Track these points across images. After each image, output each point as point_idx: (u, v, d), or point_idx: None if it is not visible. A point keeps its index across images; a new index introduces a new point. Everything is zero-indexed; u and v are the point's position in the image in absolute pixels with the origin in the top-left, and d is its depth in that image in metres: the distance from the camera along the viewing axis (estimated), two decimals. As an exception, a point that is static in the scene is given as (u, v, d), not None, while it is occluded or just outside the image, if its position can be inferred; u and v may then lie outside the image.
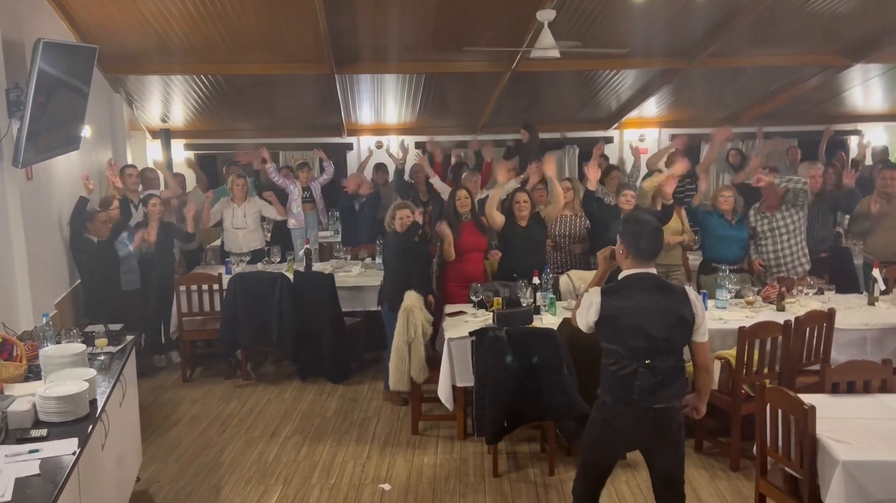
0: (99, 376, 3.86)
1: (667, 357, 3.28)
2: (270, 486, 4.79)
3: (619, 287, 3.37)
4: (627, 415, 3.31)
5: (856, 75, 9.04)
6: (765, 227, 6.35)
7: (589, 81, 9.07)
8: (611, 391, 3.36)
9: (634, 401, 3.27)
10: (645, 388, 3.24)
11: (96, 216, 6.34)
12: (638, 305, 3.28)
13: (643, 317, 3.26)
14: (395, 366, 5.42)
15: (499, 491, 4.68)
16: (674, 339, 3.31)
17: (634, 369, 3.26)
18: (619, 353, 3.31)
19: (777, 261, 6.31)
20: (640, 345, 3.26)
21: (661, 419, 3.29)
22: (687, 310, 3.31)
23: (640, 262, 3.36)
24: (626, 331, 3.28)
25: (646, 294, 3.30)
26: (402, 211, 5.97)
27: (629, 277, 3.37)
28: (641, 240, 3.35)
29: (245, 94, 8.97)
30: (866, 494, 3.23)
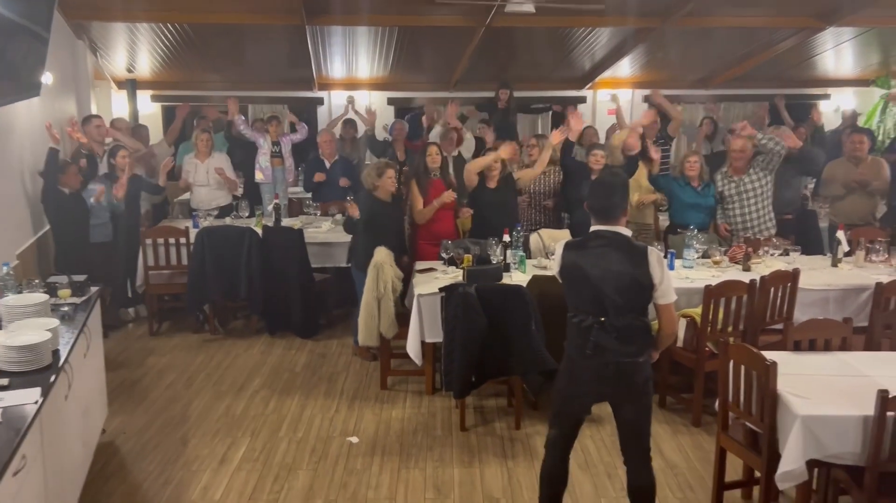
0: (62, 327, 3.81)
1: (622, 316, 3.29)
2: (238, 439, 4.79)
3: (582, 242, 3.40)
4: (588, 367, 3.36)
5: (828, 38, 9.07)
6: (732, 190, 6.37)
7: (563, 39, 8.99)
8: (572, 344, 3.42)
9: (588, 356, 3.32)
10: (599, 344, 3.28)
11: (68, 168, 6.20)
12: (594, 262, 3.30)
13: (598, 275, 3.28)
14: (365, 321, 5.42)
15: (465, 444, 4.73)
16: (629, 301, 3.30)
17: (591, 324, 3.30)
18: (577, 307, 3.37)
19: (744, 225, 6.36)
20: (595, 302, 3.30)
21: (622, 373, 3.33)
22: (644, 272, 3.28)
23: (600, 220, 3.38)
24: (580, 286, 3.32)
25: (605, 252, 3.31)
26: (391, 170, 5.89)
27: (593, 233, 3.39)
28: (597, 198, 3.40)
29: (213, 44, 8.76)
30: (822, 447, 3.31)
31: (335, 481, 4.28)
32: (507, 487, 4.22)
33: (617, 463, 4.38)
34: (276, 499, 4.09)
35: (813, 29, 8.50)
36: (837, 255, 5.85)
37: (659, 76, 10.67)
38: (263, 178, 8.22)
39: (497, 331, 4.76)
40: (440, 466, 4.45)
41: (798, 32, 8.73)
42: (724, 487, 3.98)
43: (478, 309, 4.73)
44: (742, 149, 6.30)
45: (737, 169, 6.37)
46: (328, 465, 4.46)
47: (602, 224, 3.37)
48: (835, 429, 3.30)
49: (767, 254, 5.86)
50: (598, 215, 3.38)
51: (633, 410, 3.42)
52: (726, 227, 6.43)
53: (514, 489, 4.20)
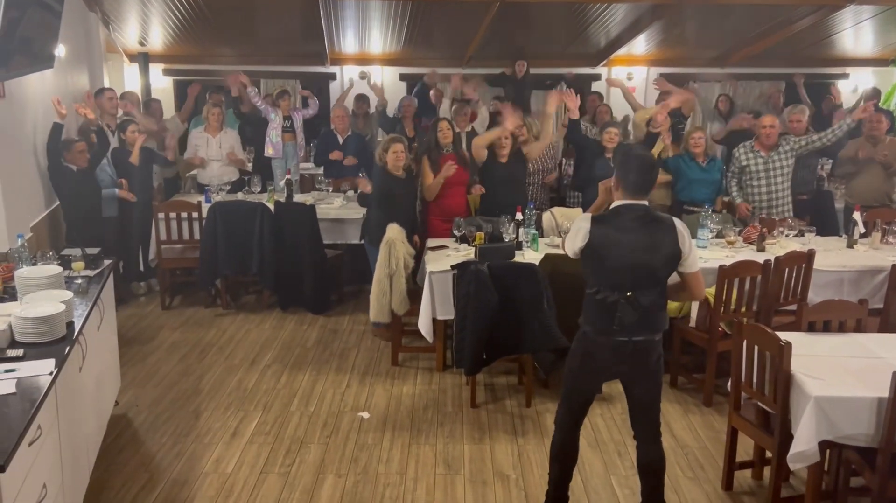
0: (76, 299, 3.83)
1: (649, 290, 3.27)
2: (250, 412, 4.82)
3: (610, 216, 3.34)
4: (607, 345, 3.32)
5: (847, 17, 8.91)
6: (759, 166, 6.28)
7: (579, 15, 8.88)
8: (592, 321, 3.37)
9: (614, 332, 3.27)
10: (625, 321, 3.24)
11: (73, 145, 6.17)
12: (625, 236, 3.25)
13: (629, 248, 3.24)
14: (377, 298, 5.42)
15: (476, 421, 4.74)
16: (657, 272, 3.29)
17: (616, 300, 3.24)
18: (602, 283, 3.30)
19: (769, 202, 6.29)
20: (624, 276, 3.25)
21: (640, 351, 3.32)
22: (674, 243, 3.28)
23: (631, 195, 3.32)
24: (610, 260, 3.26)
25: (634, 225, 3.27)
26: (397, 144, 5.86)
27: (620, 207, 3.33)
28: (631, 172, 3.31)
29: (226, 17, 8.70)
30: (835, 428, 3.30)
31: (346, 455, 4.30)
32: (518, 464, 4.23)
33: (627, 440, 4.40)
34: (287, 472, 4.12)
35: (832, 7, 8.35)
36: (853, 236, 5.80)
37: (674, 54, 10.54)
38: (274, 153, 8.18)
39: (508, 309, 4.76)
40: (451, 442, 4.46)
41: (817, 10, 8.58)
42: (734, 467, 3.98)
43: (490, 286, 4.72)
44: (773, 124, 6.24)
45: (766, 146, 6.29)
46: (339, 440, 4.48)
47: (632, 198, 3.31)
48: (848, 410, 3.29)
49: (782, 234, 5.81)
50: (631, 188, 3.31)
51: (645, 388, 3.41)
52: (747, 207, 6.33)
53: (525, 466, 4.21)
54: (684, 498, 3.93)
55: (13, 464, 2.44)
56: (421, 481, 4.05)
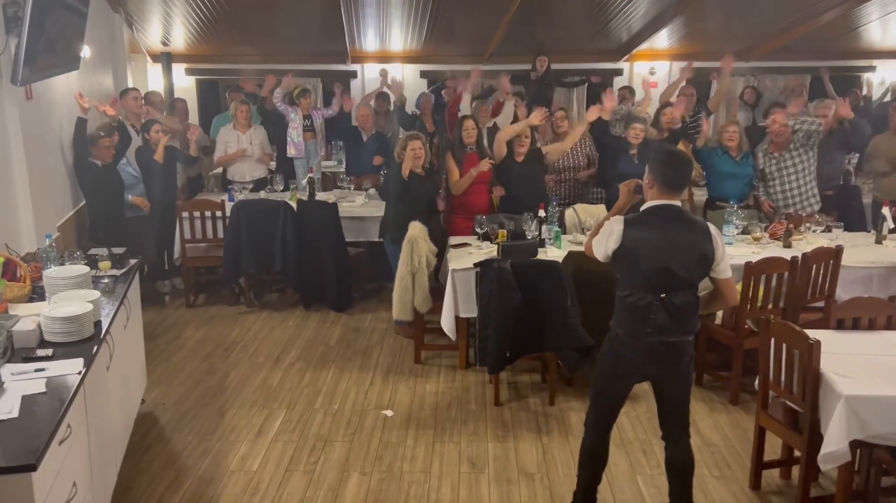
0: (103, 298, 3.86)
1: (683, 292, 3.24)
2: (274, 410, 4.84)
3: (643, 217, 3.28)
4: (640, 348, 3.28)
5: (874, 8, 8.76)
6: (772, 167, 6.24)
7: (601, 10, 8.81)
8: (624, 323, 3.32)
9: (648, 334, 3.24)
10: (658, 322, 3.21)
11: (99, 140, 6.24)
12: (660, 238, 3.20)
13: (664, 250, 3.19)
14: (399, 296, 5.43)
15: (499, 419, 4.73)
16: (692, 275, 3.25)
17: (649, 302, 3.21)
18: (636, 285, 3.26)
19: (786, 202, 6.24)
20: (658, 279, 3.21)
21: (673, 352, 3.28)
22: (708, 246, 3.23)
23: (666, 194, 3.26)
24: (645, 262, 3.21)
25: (669, 227, 3.23)
26: (415, 142, 5.86)
27: (654, 208, 3.28)
28: (668, 169, 3.26)
29: (248, 17, 8.73)
30: (866, 427, 3.25)
31: (370, 453, 4.31)
32: (542, 462, 4.22)
33: (653, 439, 4.37)
34: (312, 470, 4.14)
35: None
36: (882, 232, 5.71)
37: (697, 48, 10.41)
38: (296, 153, 8.21)
39: (532, 307, 4.74)
40: (474, 440, 4.46)
41: (843, 2, 8.45)
42: (762, 466, 3.94)
43: (513, 284, 4.71)
44: (782, 123, 6.17)
45: (776, 145, 6.25)
46: (363, 438, 4.49)
47: (666, 197, 3.26)
48: (879, 409, 3.24)
49: (809, 230, 5.74)
50: (667, 187, 3.26)
51: (675, 388, 3.38)
52: (770, 203, 6.30)
53: (549, 464, 4.20)
54: (711, 497, 3.89)
55: (44, 463, 2.47)
56: (445, 479, 4.05)
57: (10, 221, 5.00)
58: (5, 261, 3.88)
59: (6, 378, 2.96)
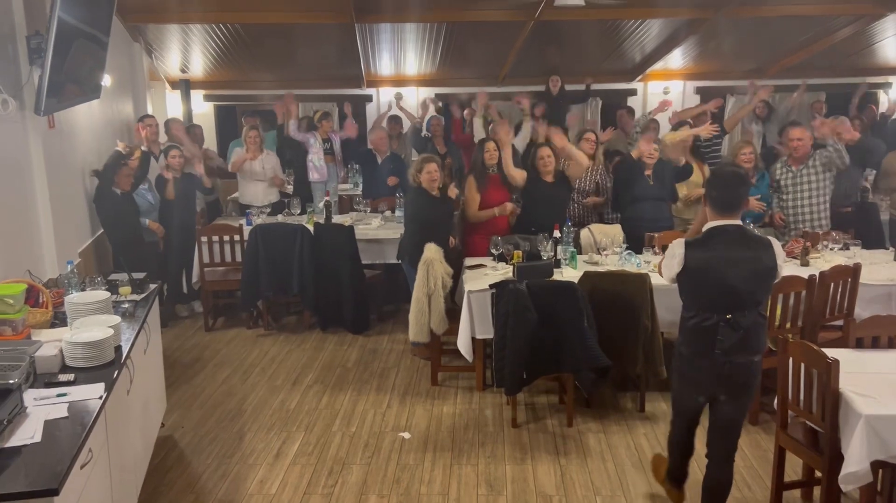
0: (123, 323, 3.91)
1: (749, 311, 3.29)
2: (293, 433, 4.86)
3: (704, 239, 3.34)
4: (705, 367, 3.36)
5: (889, 25, 8.77)
6: (788, 180, 6.24)
7: (613, 31, 8.88)
8: (689, 343, 3.40)
9: (715, 356, 3.30)
10: (726, 344, 3.27)
11: (121, 169, 6.35)
12: (722, 258, 3.26)
13: (727, 270, 3.25)
14: (415, 318, 5.44)
15: (517, 441, 4.72)
16: (757, 292, 3.32)
17: (715, 323, 3.27)
18: (701, 306, 3.32)
19: (795, 217, 6.21)
20: (723, 299, 3.27)
21: (739, 373, 3.35)
22: (769, 257, 3.31)
23: (721, 213, 3.32)
24: (709, 283, 3.28)
25: (730, 246, 3.28)
26: (430, 164, 5.91)
27: (713, 229, 3.33)
28: (714, 190, 3.33)
29: (265, 44, 8.89)
30: (887, 448, 3.21)
31: (388, 476, 4.31)
32: (560, 484, 4.20)
33: (672, 461, 4.33)
34: (330, 493, 4.14)
35: (873, 16, 8.23)
36: (901, 249, 5.68)
37: (711, 67, 10.47)
38: (319, 177, 8.28)
39: (548, 328, 4.74)
40: (492, 462, 4.45)
41: (857, 20, 8.47)
42: (783, 487, 3.89)
43: (529, 305, 4.72)
44: (801, 137, 6.16)
45: (795, 159, 6.23)
46: (381, 460, 4.50)
47: (724, 217, 3.32)
48: (901, 429, 3.21)
49: (826, 248, 5.71)
50: (722, 207, 3.32)
51: (734, 408, 3.45)
52: (781, 216, 6.29)
53: (567, 486, 4.18)
54: (732, 519, 3.85)
55: (66, 487, 2.50)
56: (463, 502, 4.04)
57: (33, 248, 5.09)
58: (28, 287, 3.95)
59: (29, 403, 3.00)
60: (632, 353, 4.89)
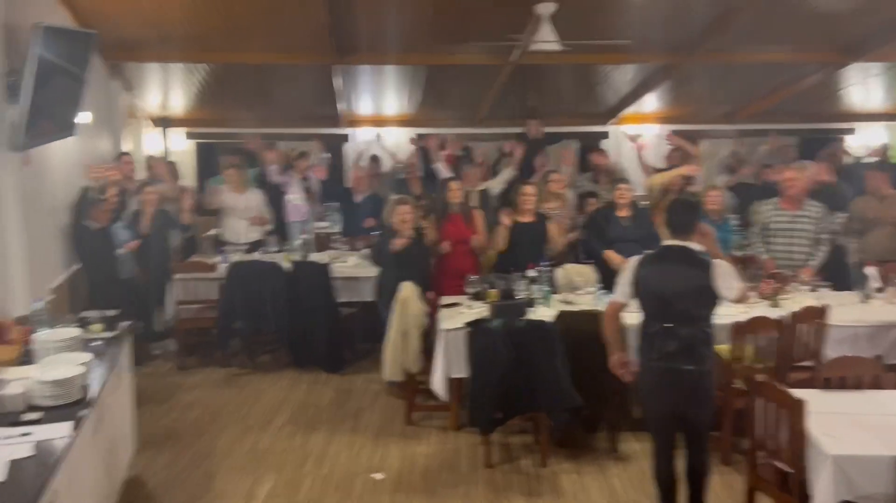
0: (94, 361, 3.87)
1: (686, 323, 3.64)
2: (263, 475, 4.80)
3: (653, 256, 3.82)
4: (653, 372, 3.74)
5: (854, 73, 9.04)
6: (781, 224, 6.20)
7: (588, 75, 9.07)
8: (642, 350, 3.80)
9: (655, 360, 3.69)
10: (664, 349, 3.65)
11: (97, 204, 6.33)
12: (662, 273, 3.71)
13: (665, 283, 3.69)
14: (391, 356, 5.44)
15: (491, 482, 4.69)
16: (692, 308, 3.67)
17: (657, 330, 3.67)
18: (647, 314, 3.77)
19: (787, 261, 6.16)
20: (661, 309, 3.69)
21: (685, 380, 3.68)
22: (706, 280, 3.65)
23: (674, 235, 3.80)
24: (649, 293, 3.74)
25: (673, 263, 3.72)
26: (402, 206, 5.97)
27: (665, 248, 3.83)
28: (671, 213, 3.85)
29: (244, 82, 8.96)
30: (855, 488, 3.25)
31: (360, 518, 4.27)
32: (533, 526, 4.18)
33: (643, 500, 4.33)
34: (300, 535, 4.09)
35: (838, 64, 8.49)
36: (868, 291, 5.77)
37: (684, 111, 10.68)
38: (298, 217, 8.30)
39: (523, 367, 4.75)
40: (465, 504, 4.42)
41: (823, 68, 8.71)
42: (754, 528, 3.90)
43: (503, 344, 4.73)
44: (793, 177, 6.20)
45: (789, 200, 6.21)
46: (353, 502, 4.44)
47: (676, 238, 3.78)
48: (867, 469, 3.25)
49: (797, 289, 5.79)
50: (675, 229, 3.79)
51: (694, 415, 3.76)
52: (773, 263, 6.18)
53: (540, 528, 4.15)
54: (704, 561, 3.85)
55: (28, 530, 2.46)
56: (435, 544, 4.01)
57: (4, 285, 5.04)
58: (-3, 324, 3.91)
59: (-7, 442, 2.96)
60: (605, 393, 4.91)
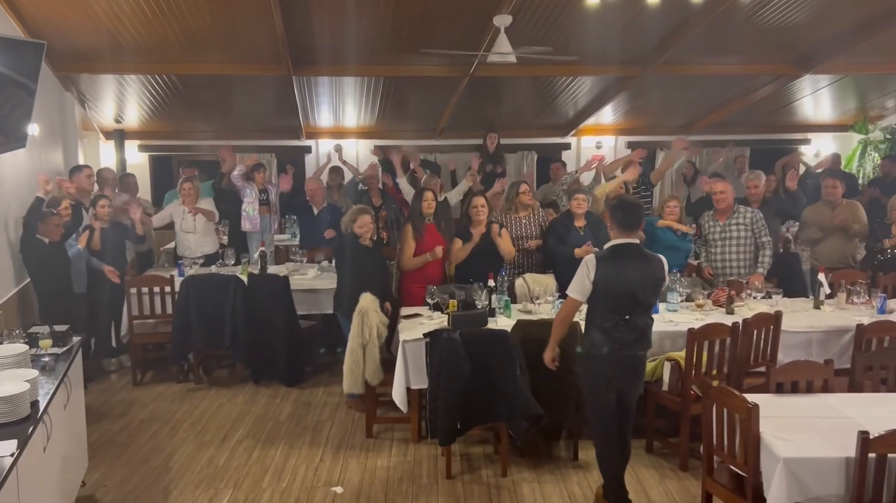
0: (42, 377, 3.78)
1: (643, 314, 4.03)
2: (220, 490, 4.72)
3: (610, 255, 4.03)
4: (610, 361, 4.00)
5: (806, 85, 9.27)
6: (716, 234, 6.42)
7: (546, 88, 9.16)
8: (595, 343, 4.02)
9: (615, 350, 3.97)
10: (622, 340, 3.97)
11: (49, 218, 6.19)
12: (624, 269, 3.96)
13: (628, 279, 3.96)
14: (350, 369, 5.39)
15: (451, 492, 4.67)
16: (651, 298, 4.08)
17: (615, 323, 3.95)
18: (606, 310, 3.98)
19: (724, 269, 6.37)
20: (624, 303, 3.96)
21: (637, 364, 4.10)
22: (661, 272, 4.10)
23: (623, 233, 4.03)
24: (614, 290, 3.95)
25: (632, 261, 3.99)
26: (363, 216, 5.95)
27: (618, 246, 4.03)
28: (619, 212, 4.06)
29: (201, 94, 8.87)
30: (806, 490, 3.30)
31: (318, 532, 4.21)
32: (493, 536, 4.17)
33: (603, 509, 4.35)
34: (257, 551, 4.02)
35: (789, 76, 8.69)
36: (819, 298, 5.89)
37: (641, 122, 10.85)
38: (251, 228, 8.24)
39: (482, 377, 4.75)
40: (425, 515, 4.39)
41: (775, 80, 8.92)
42: (710, 533, 3.94)
43: (462, 354, 4.73)
44: (723, 190, 6.38)
45: (720, 212, 6.42)
46: (312, 516, 4.39)
47: (625, 236, 4.03)
48: (818, 471, 3.30)
49: (750, 296, 5.89)
50: (623, 226, 4.05)
51: (635, 393, 4.16)
52: (710, 270, 6.46)
53: (500, 538, 4.15)
54: (662, 566, 3.87)
55: (-32, 550, 2.38)
56: (395, 557, 3.97)
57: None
58: (-60, 340, 3.80)
59: (-66, 462, 2.86)
60: (564, 401, 4.93)
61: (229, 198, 8.21)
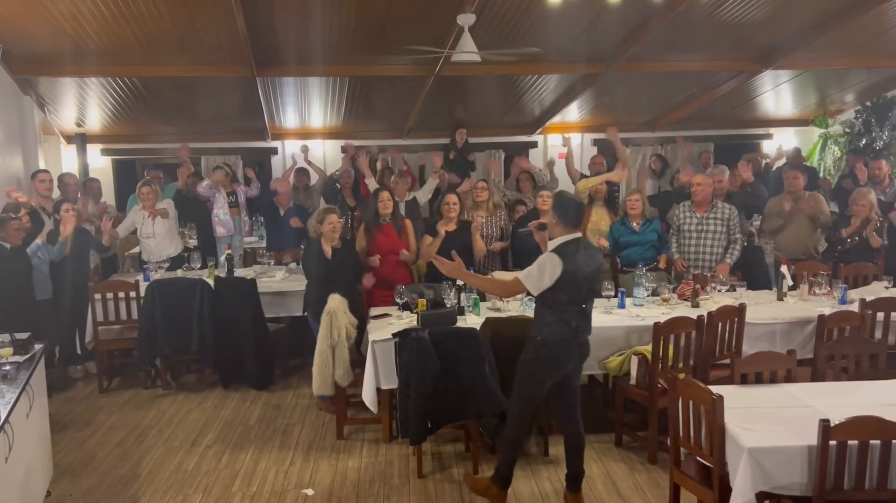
0: (3, 386, 3.72)
1: (591, 302, 4.29)
2: (189, 496, 4.67)
3: (564, 249, 4.14)
4: (566, 347, 4.17)
5: (767, 81, 9.41)
6: (692, 225, 6.47)
7: (512, 86, 9.19)
8: (553, 331, 4.14)
9: (571, 337, 4.15)
10: (578, 327, 4.17)
11: (8, 223, 6.07)
12: (581, 261, 4.13)
13: (587, 271, 4.16)
14: (319, 370, 5.35)
15: (423, 491, 4.68)
16: (596, 284, 4.57)
17: (576, 311, 4.14)
18: (567, 302, 4.12)
19: (696, 261, 6.42)
20: (583, 293, 4.18)
21: (587, 348, 4.33)
22: (601, 259, 4.41)
23: (570, 229, 4.19)
24: (576, 281, 4.10)
25: (582, 252, 4.16)
26: (331, 216, 5.92)
27: (568, 241, 4.16)
28: (567, 210, 4.19)
29: (163, 97, 8.76)
30: (770, 479, 3.35)
31: (289, 535, 4.19)
32: (465, 534, 4.18)
33: (574, 504, 4.38)
34: (228, 556, 3.99)
35: (751, 72, 8.82)
36: (782, 289, 5.99)
37: (607, 120, 10.90)
38: (225, 232, 8.14)
39: (451, 375, 4.76)
40: (397, 515, 4.39)
41: (737, 75, 9.05)
42: (679, 524, 3.99)
43: (431, 353, 4.73)
44: (700, 182, 6.42)
45: (697, 204, 6.46)
46: (282, 519, 4.37)
47: (571, 232, 4.19)
48: (781, 459, 3.36)
49: (715, 290, 5.97)
50: (571, 222, 4.21)
51: (578, 379, 4.39)
52: (683, 263, 6.49)
53: (472, 535, 4.16)
54: (632, 558, 3.91)
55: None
56: (367, 557, 3.96)
57: None
58: None
59: None
60: (534, 398, 4.95)
61: (192, 204, 8.09)
